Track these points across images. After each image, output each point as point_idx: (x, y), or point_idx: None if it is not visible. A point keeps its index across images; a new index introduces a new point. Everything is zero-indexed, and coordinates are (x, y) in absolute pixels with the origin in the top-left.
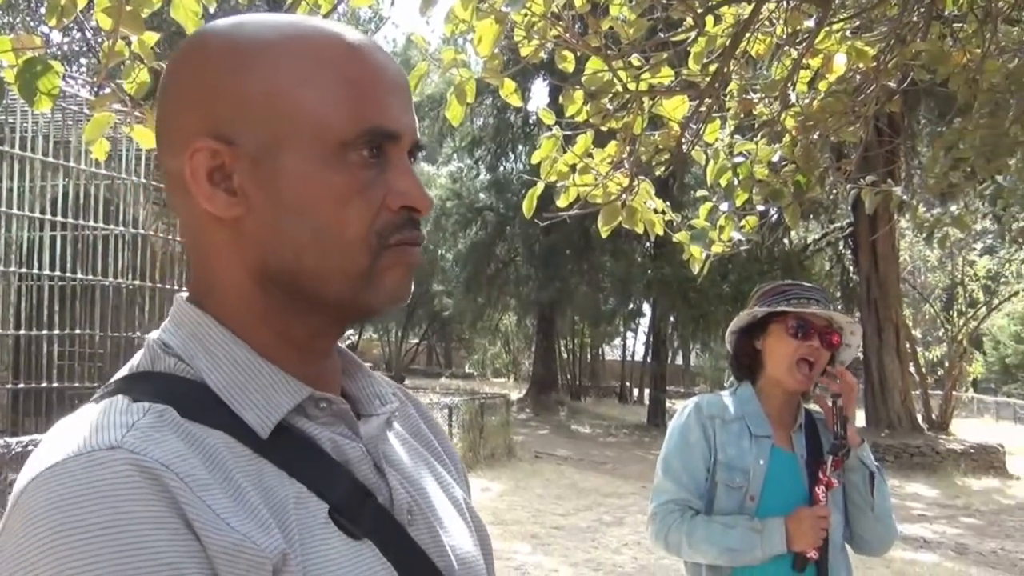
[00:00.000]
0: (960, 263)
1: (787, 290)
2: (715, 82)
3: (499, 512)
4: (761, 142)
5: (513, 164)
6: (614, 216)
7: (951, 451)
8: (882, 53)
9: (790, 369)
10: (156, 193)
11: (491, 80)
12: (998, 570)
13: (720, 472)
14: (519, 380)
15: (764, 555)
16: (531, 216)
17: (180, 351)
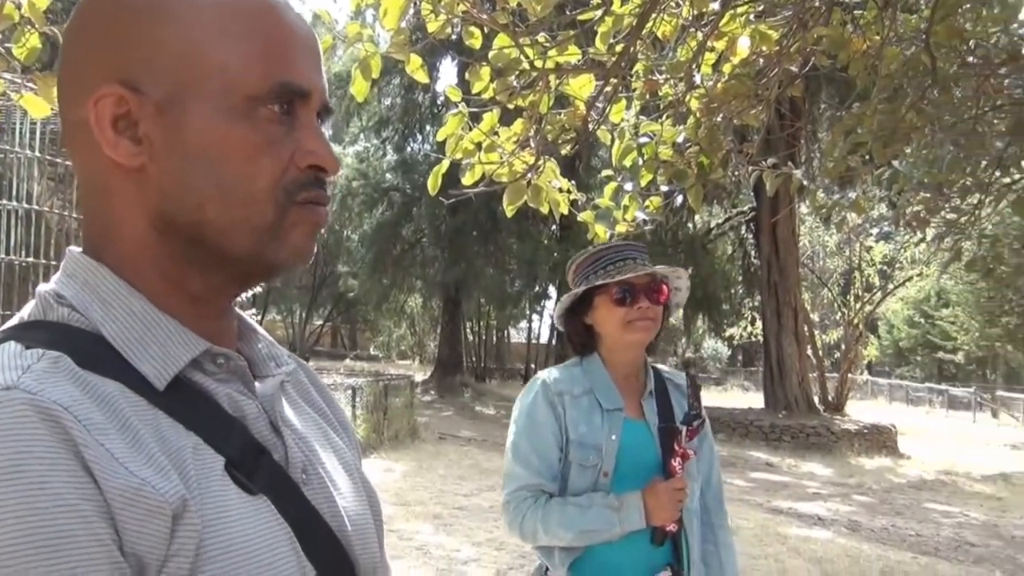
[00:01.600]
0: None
1: (602, 256)
2: (621, 62)
3: (402, 493)
4: (666, 123)
5: (420, 145)
6: (519, 195)
7: (846, 432)
8: (785, 37)
9: (626, 332)
10: (51, 168)
11: (397, 55)
12: (888, 546)
13: (573, 451)
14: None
15: (623, 532)
16: (436, 194)
17: (74, 301)
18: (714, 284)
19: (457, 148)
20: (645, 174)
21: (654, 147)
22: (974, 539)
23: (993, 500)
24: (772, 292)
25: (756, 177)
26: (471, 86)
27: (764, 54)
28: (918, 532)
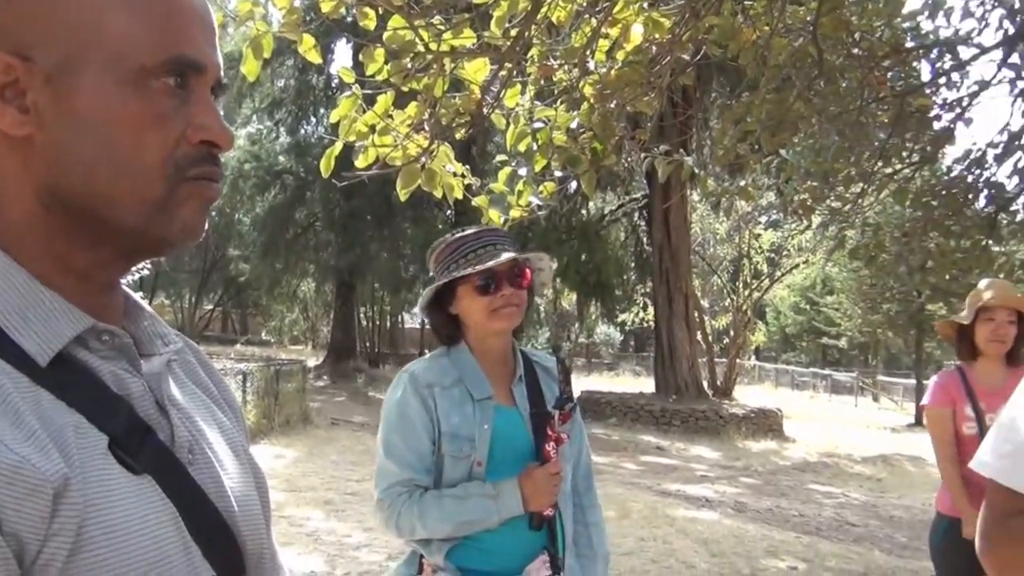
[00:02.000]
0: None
1: (461, 245)
2: (516, 47)
3: (293, 479)
4: (560, 108)
5: (314, 127)
6: (413, 179)
7: (733, 415)
8: (677, 26)
9: (491, 320)
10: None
11: (289, 35)
12: (772, 526)
13: (446, 443)
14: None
15: (501, 519)
16: (329, 176)
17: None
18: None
19: (350, 130)
20: (539, 159)
21: (548, 132)
22: (854, 519)
23: (873, 481)
24: (664, 278)
25: (648, 164)
26: (365, 68)
27: (657, 42)
28: (801, 512)
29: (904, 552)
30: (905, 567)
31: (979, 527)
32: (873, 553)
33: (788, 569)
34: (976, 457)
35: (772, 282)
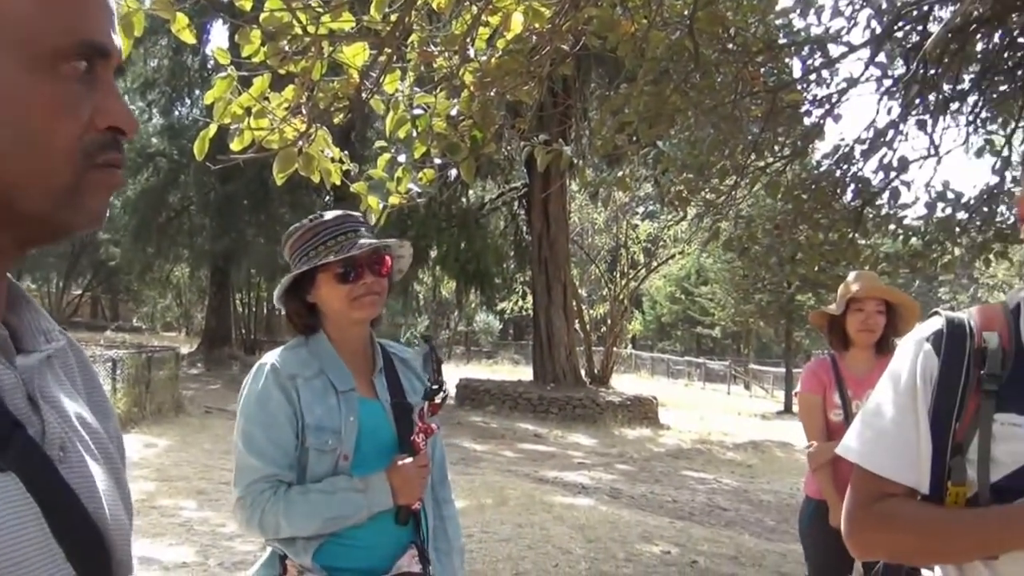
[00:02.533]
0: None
1: (320, 232)
2: (396, 32)
3: (164, 468)
4: (440, 95)
5: (189, 109)
6: (290, 163)
7: (610, 403)
8: (557, 16)
9: (352, 309)
10: None
11: (162, 13)
12: (646, 511)
13: (310, 436)
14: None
15: (370, 514)
16: (203, 159)
17: None
18: (486, 259)
19: (225, 113)
20: (418, 146)
21: (428, 119)
22: (726, 504)
23: (744, 467)
24: (543, 267)
25: (528, 153)
26: (241, 49)
27: (537, 31)
28: (675, 498)
29: (773, 535)
30: (774, 550)
31: (844, 510)
32: (743, 537)
33: (661, 553)
34: (842, 442)
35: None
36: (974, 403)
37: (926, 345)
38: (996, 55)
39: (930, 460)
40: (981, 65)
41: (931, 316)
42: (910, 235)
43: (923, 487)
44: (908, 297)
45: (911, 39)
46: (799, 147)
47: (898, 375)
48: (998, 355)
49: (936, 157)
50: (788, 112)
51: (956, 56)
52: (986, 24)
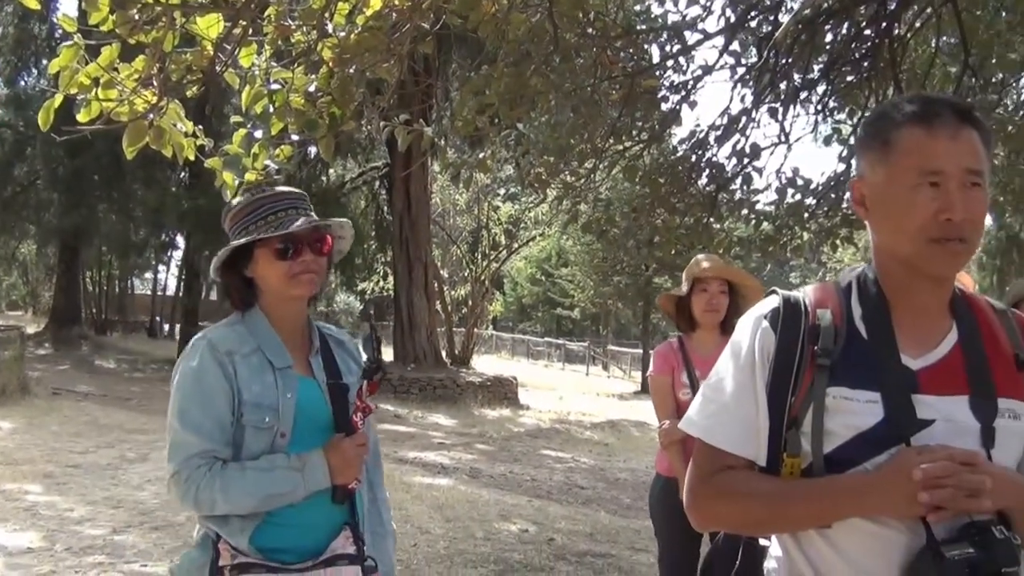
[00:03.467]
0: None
1: (261, 206)
2: (252, 4)
3: (8, 452)
4: (298, 71)
5: (36, 79)
6: (140, 136)
7: (471, 384)
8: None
9: (290, 286)
10: None
11: None
12: (505, 491)
13: (247, 413)
14: (38, 313)
15: (307, 493)
16: (48, 130)
17: None
18: None
19: (72, 83)
20: (276, 122)
21: (285, 95)
22: (583, 482)
23: (601, 446)
24: (404, 248)
25: (388, 132)
26: (89, 17)
27: (397, 8)
28: (533, 477)
29: (628, 512)
30: (629, 527)
31: (686, 483)
32: (599, 514)
33: (519, 531)
34: (685, 417)
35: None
36: (808, 378)
37: (764, 323)
38: (844, 46)
39: (768, 433)
40: (829, 56)
41: (768, 295)
42: (762, 220)
43: (761, 459)
44: (751, 277)
45: (763, 29)
46: (656, 132)
47: (737, 351)
48: (831, 331)
49: (786, 144)
50: (646, 97)
51: (806, 46)
52: (834, 16)
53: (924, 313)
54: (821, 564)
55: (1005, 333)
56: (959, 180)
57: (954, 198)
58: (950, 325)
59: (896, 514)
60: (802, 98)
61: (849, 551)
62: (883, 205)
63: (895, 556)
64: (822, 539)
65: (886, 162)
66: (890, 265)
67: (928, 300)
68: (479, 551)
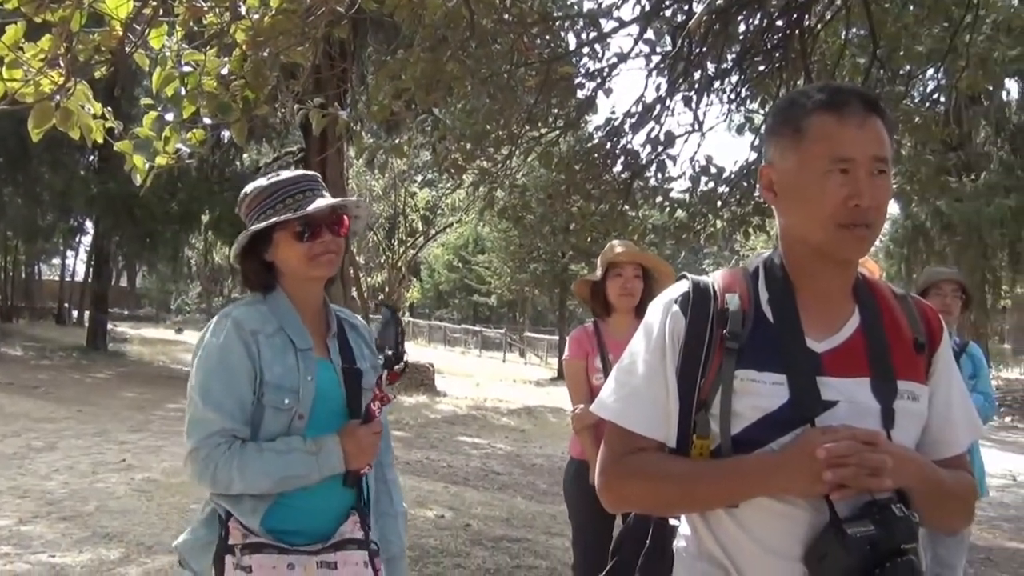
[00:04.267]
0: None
1: (278, 189)
2: None
3: None
4: (210, 53)
5: None
6: (47, 118)
7: None
8: None
9: (310, 267)
10: None
11: None
12: (421, 477)
13: (268, 393)
14: None
15: (320, 477)
16: None
17: None
18: None
19: None
20: (187, 105)
21: (197, 77)
22: (500, 468)
23: (517, 432)
24: None
25: (303, 116)
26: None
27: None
28: (450, 464)
29: (544, 498)
30: (545, 511)
31: (598, 465)
32: (515, 500)
33: (435, 517)
34: (596, 400)
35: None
36: (717, 361)
37: (674, 307)
38: (756, 36)
39: (678, 415)
40: (742, 46)
41: (679, 279)
42: (676, 207)
43: (671, 441)
44: (664, 262)
45: (678, 18)
46: (572, 119)
47: (648, 335)
48: (739, 316)
49: (700, 132)
50: (562, 84)
51: (719, 36)
52: (747, 6)
53: (828, 297)
54: (728, 542)
55: (905, 318)
56: (867, 168)
57: (862, 185)
58: (853, 309)
59: (801, 493)
60: (715, 87)
61: (755, 529)
62: (793, 191)
63: (799, 533)
64: (730, 518)
65: (797, 149)
66: (797, 250)
67: (832, 284)
68: None
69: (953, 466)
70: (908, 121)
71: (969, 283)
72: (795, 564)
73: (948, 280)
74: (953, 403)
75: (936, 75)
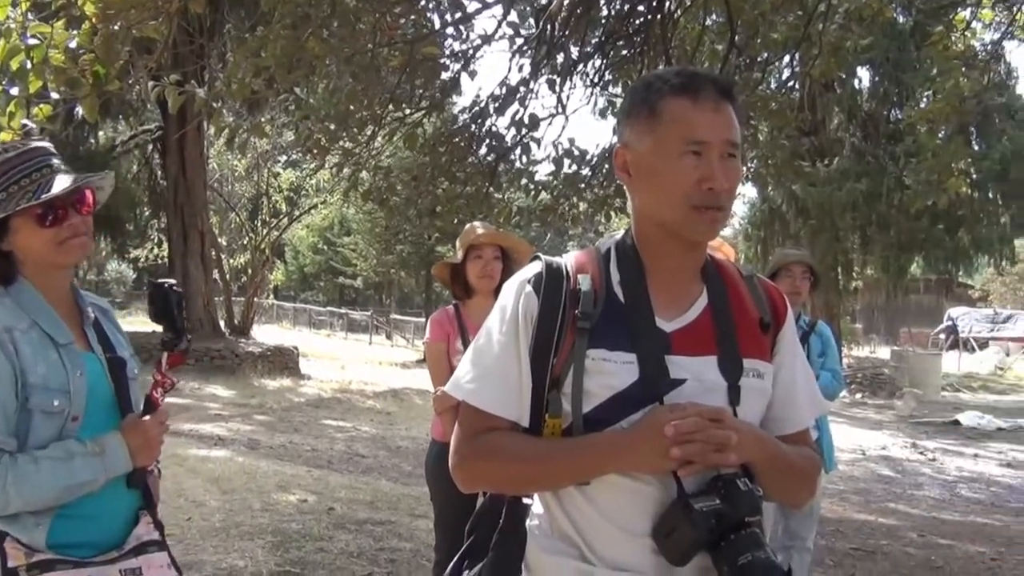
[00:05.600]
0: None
1: (8, 171)
2: None
3: None
4: (58, 25)
5: None
6: None
7: (250, 354)
8: None
9: (60, 254)
10: None
11: None
12: (285, 461)
13: (34, 396)
14: None
15: (107, 479)
16: None
17: None
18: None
19: None
20: (34, 79)
21: (44, 50)
22: (364, 451)
23: (383, 415)
24: (178, 214)
25: (159, 93)
26: None
27: None
28: (314, 447)
29: (409, 480)
30: (409, 494)
31: (452, 445)
32: (380, 482)
33: (298, 502)
34: (451, 380)
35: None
36: (570, 341)
37: (527, 287)
38: (618, 21)
39: (530, 395)
40: (604, 30)
41: (532, 260)
42: (540, 190)
43: (524, 421)
44: (524, 243)
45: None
46: (437, 100)
47: (502, 316)
48: (591, 296)
49: (564, 115)
50: (426, 65)
51: (581, 20)
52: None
53: (678, 278)
54: (580, 519)
55: (751, 298)
56: (720, 151)
57: (715, 168)
58: (701, 290)
59: (649, 469)
60: (579, 70)
61: (605, 506)
62: (647, 172)
63: (648, 509)
64: (581, 495)
65: (652, 131)
66: (649, 230)
67: (682, 265)
68: (256, 522)
69: (797, 442)
70: (764, 107)
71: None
72: (644, 539)
73: (797, 262)
74: (797, 381)
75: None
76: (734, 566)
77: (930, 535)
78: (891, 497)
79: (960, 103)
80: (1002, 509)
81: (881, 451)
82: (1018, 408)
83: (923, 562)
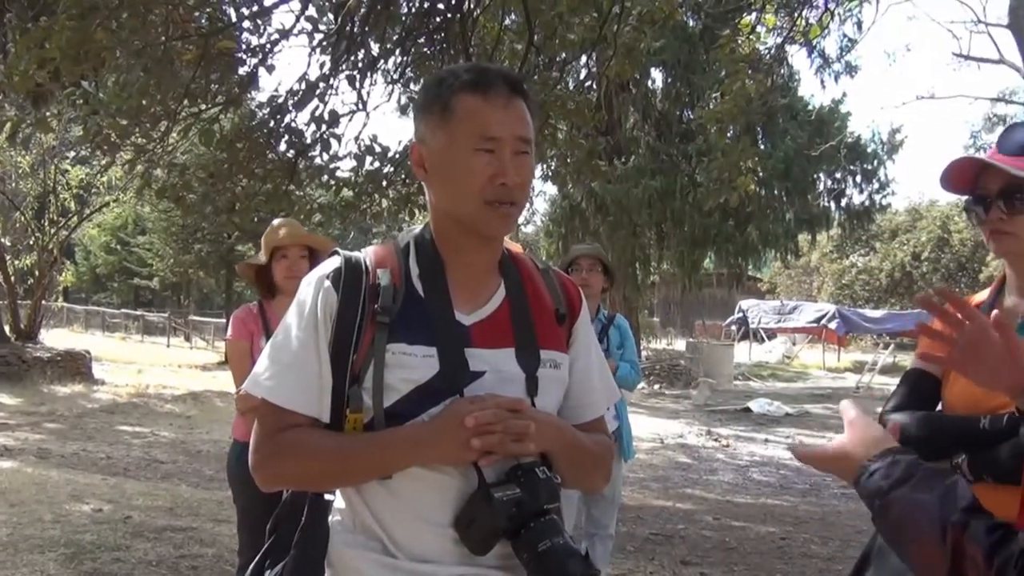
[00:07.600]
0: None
1: None
2: None
3: None
4: None
5: None
6: None
7: (38, 360)
8: None
9: None
10: None
11: None
12: (77, 470)
13: None
14: None
15: None
16: None
17: None
18: None
19: None
20: None
21: None
22: (163, 456)
23: (183, 419)
24: None
25: None
26: None
27: None
28: (109, 454)
29: (211, 484)
30: (211, 498)
31: (252, 444)
32: (180, 488)
33: (92, 511)
34: (250, 378)
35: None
36: (369, 335)
37: (326, 282)
38: (418, 19)
39: (331, 391)
40: (404, 27)
41: (331, 255)
42: (342, 186)
43: (325, 417)
44: (329, 241)
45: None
46: (234, 95)
47: (301, 311)
48: (390, 290)
49: (365, 112)
50: (222, 59)
51: (381, 16)
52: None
53: (476, 272)
54: (382, 511)
55: (547, 290)
56: (512, 147)
57: (507, 164)
58: (499, 283)
59: (451, 460)
60: (379, 67)
61: (408, 498)
62: (442, 168)
63: (450, 499)
64: (383, 488)
65: (445, 127)
66: (446, 225)
67: (479, 259)
68: (47, 535)
69: (592, 429)
70: (563, 106)
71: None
72: (446, 530)
73: (586, 256)
74: (592, 370)
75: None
76: (534, 553)
77: (724, 518)
78: (688, 483)
79: (747, 104)
80: (790, 491)
81: (678, 439)
82: (804, 394)
83: (718, 544)
